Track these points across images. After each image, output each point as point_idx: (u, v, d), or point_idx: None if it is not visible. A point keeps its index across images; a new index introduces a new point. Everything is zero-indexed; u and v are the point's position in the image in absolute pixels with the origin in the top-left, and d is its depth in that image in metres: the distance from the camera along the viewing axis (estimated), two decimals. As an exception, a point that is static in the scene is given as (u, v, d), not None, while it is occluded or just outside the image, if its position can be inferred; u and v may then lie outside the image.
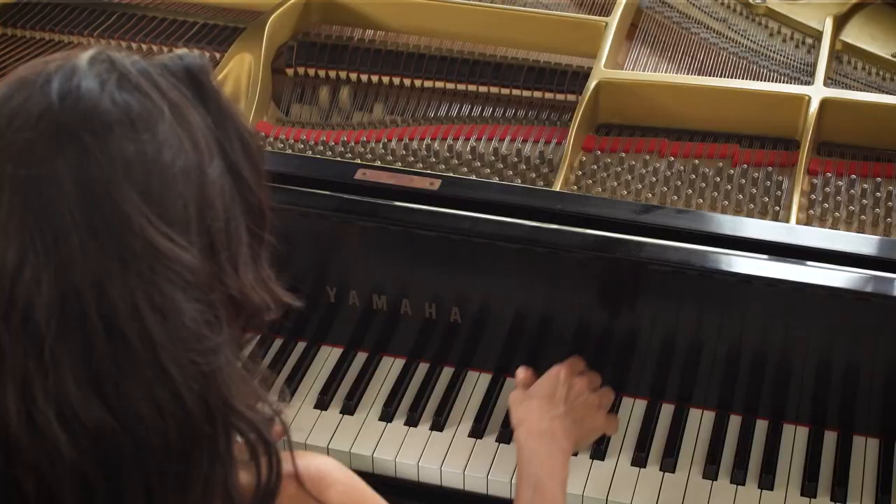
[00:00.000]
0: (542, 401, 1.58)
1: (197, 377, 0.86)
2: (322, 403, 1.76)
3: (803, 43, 2.06)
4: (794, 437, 1.68)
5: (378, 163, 1.88)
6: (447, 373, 1.80)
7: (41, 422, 0.83)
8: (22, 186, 0.83)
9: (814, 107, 1.84)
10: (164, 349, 0.84)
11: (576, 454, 1.64)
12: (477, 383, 1.79)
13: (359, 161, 1.88)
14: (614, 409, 1.72)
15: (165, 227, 0.85)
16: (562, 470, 1.51)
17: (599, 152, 1.87)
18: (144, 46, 2.15)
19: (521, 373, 1.65)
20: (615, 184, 1.81)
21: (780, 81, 1.97)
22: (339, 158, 1.90)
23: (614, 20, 2.03)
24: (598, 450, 1.67)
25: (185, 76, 0.92)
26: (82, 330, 0.83)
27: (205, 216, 0.88)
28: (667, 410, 1.72)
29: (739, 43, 2.07)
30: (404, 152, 1.90)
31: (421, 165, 1.87)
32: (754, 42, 2.07)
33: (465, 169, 1.86)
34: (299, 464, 0.98)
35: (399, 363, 1.82)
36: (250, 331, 0.98)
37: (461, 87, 2.02)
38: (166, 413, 0.85)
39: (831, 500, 1.59)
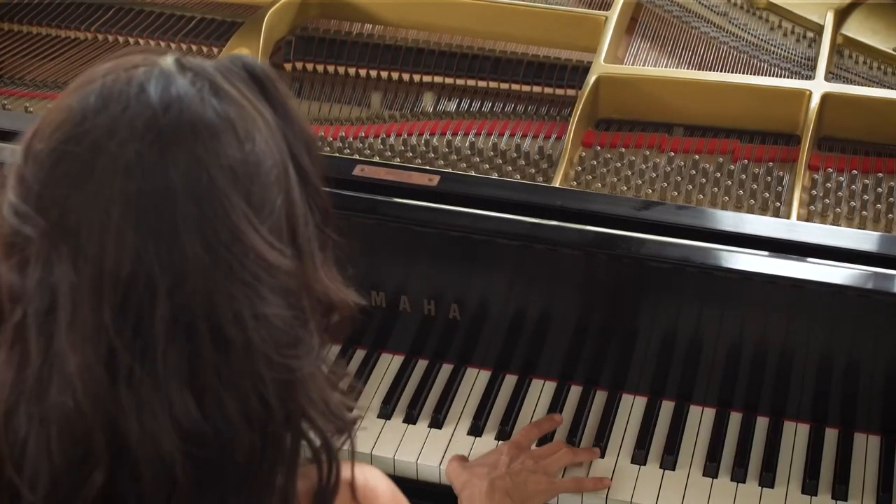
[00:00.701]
0: (483, 467, 1.60)
1: (286, 383, 0.86)
2: (320, 401, 1.75)
3: (804, 37, 2.05)
4: (795, 435, 1.67)
5: (376, 158, 1.87)
6: (446, 370, 1.79)
7: (157, 430, 0.83)
8: (134, 199, 0.81)
9: (815, 102, 1.83)
10: (262, 356, 0.84)
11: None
12: (476, 380, 1.78)
13: (357, 157, 1.87)
14: (614, 408, 1.72)
15: (268, 233, 0.85)
16: None
17: (599, 148, 1.87)
18: (142, 41, 2.14)
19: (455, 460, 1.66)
20: (615, 179, 1.80)
21: (780, 76, 1.96)
22: (336, 154, 1.89)
23: (614, 14, 2.02)
24: (598, 448, 1.66)
25: (249, 77, 0.91)
26: (191, 339, 0.82)
27: (293, 222, 0.88)
28: (667, 408, 1.72)
29: (740, 37, 2.06)
30: (403, 148, 1.89)
31: (419, 161, 1.87)
32: (755, 36, 2.06)
33: (464, 165, 1.86)
34: (358, 474, 0.98)
35: (398, 360, 1.82)
36: (332, 336, 0.97)
37: (460, 82, 2.01)
38: (254, 419, 0.85)
39: (832, 497, 1.59)
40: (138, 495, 0.85)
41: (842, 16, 2.06)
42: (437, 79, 2.02)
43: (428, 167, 1.80)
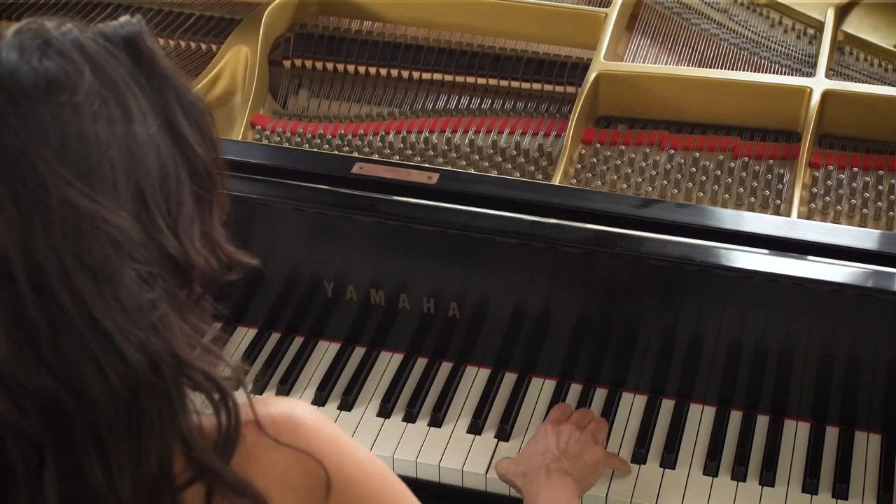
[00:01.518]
0: (535, 457, 1.58)
1: (136, 332, 0.87)
2: (319, 399, 1.75)
3: (805, 34, 2.05)
4: (796, 434, 1.67)
5: (376, 156, 1.86)
6: (445, 368, 1.79)
7: None
8: None
9: (815, 99, 1.83)
10: (97, 306, 0.85)
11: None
12: (475, 379, 1.77)
13: (356, 154, 1.87)
14: (614, 406, 1.71)
15: (86, 187, 0.86)
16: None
17: (599, 145, 1.86)
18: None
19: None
20: (615, 177, 1.79)
21: (781, 73, 1.95)
22: (336, 152, 1.89)
23: (614, 11, 2.02)
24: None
25: (122, 41, 0.93)
26: (12, 292, 0.84)
27: (134, 175, 0.89)
28: (667, 406, 1.71)
29: (740, 34, 2.05)
30: (402, 145, 1.89)
31: (419, 159, 1.86)
32: (755, 33, 2.05)
33: (464, 162, 1.85)
34: (264, 409, 0.98)
35: (397, 358, 1.81)
36: (216, 298, 0.99)
37: (459, 79, 2.01)
38: (107, 368, 0.86)
39: (833, 496, 1.58)
40: (2, 459, 0.86)
41: (842, 12, 2.05)
42: (437, 76, 2.01)
43: (427, 165, 1.80)
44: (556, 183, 1.76)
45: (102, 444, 0.87)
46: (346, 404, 1.74)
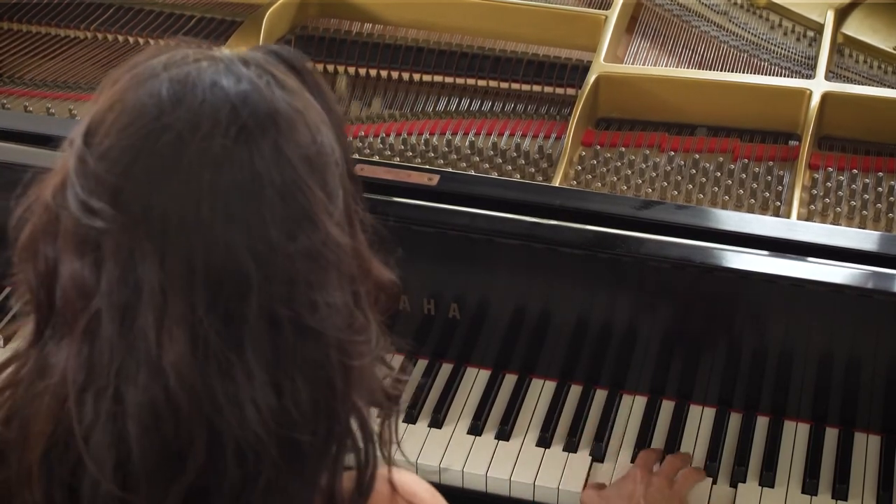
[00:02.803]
0: (621, 499, 1.56)
1: (348, 369, 0.87)
2: (320, 400, 1.75)
3: (804, 36, 2.05)
4: (795, 434, 1.67)
5: (376, 158, 1.87)
6: (446, 369, 1.79)
7: (245, 412, 0.83)
8: (223, 193, 0.82)
9: (815, 101, 1.83)
10: (333, 342, 0.85)
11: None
12: (476, 380, 1.78)
13: (356, 156, 1.87)
14: (614, 408, 1.72)
15: (339, 218, 0.86)
16: None
17: (599, 147, 1.86)
18: (142, 40, 2.14)
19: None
20: (615, 179, 1.80)
21: (781, 75, 1.96)
22: (336, 153, 1.89)
23: (614, 13, 2.02)
24: (599, 447, 1.66)
25: (291, 71, 0.92)
26: (276, 328, 0.83)
27: (348, 204, 0.90)
28: (667, 407, 1.72)
29: (740, 36, 2.05)
30: (402, 147, 1.89)
31: (419, 160, 1.86)
32: (755, 35, 2.05)
33: (464, 164, 1.85)
34: (393, 476, 0.99)
35: (397, 360, 1.80)
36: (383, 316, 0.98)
37: (460, 81, 2.01)
38: (321, 405, 0.86)
39: (832, 497, 1.59)
40: (219, 488, 0.85)
41: (842, 15, 2.06)
42: (437, 78, 2.02)
43: (428, 166, 1.80)
44: (556, 184, 1.76)
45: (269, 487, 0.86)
46: (347, 405, 1.74)
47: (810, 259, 1.57)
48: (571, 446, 1.67)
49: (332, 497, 0.91)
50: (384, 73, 2.04)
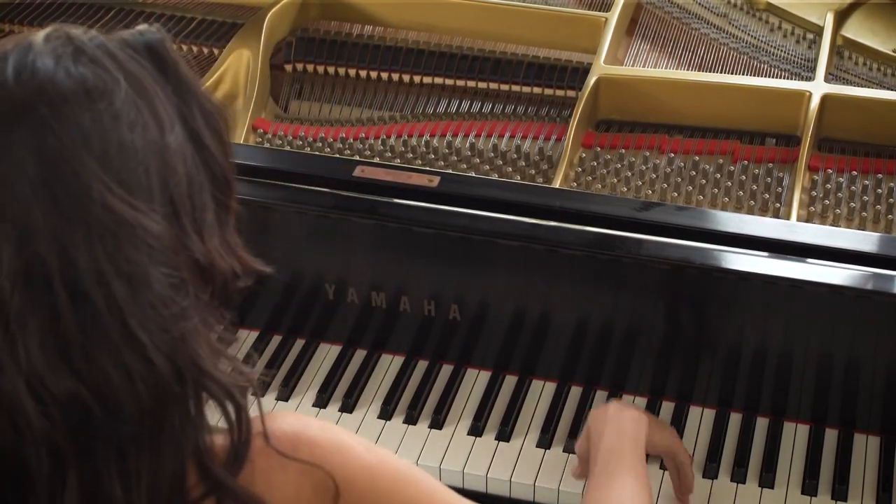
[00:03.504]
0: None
1: (166, 340, 0.87)
2: (321, 401, 1.76)
3: (804, 38, 2.05)
4: (795, 435, 1.67)
5: (377, 159, 1.87)
6: (446, 370, 1.80)
7: (8, 391, 0.84)
8: None
9: (815, 103, 1.83)
10: (132, 314, 0.86)
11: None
12: (476, 381, 1.78)
13: (357, 158, 1.88)
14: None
15: (126, 194, 0.86)
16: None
17: (599, 149, 1.87)
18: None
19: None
20: (615, 180, 1.80)
21: (780, 77, 1.96)
22: (337, 155, 1.90)
23: (614, 16, 2.02)
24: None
25: (145, 49, 0.94)
26: (48, 298, 0.84)
27: (167, 182, 0.89)
28: (667, 408, 1.72)
29: (740, 38, 2.06)
30: (403, 149, 1.89)
31: (420, 162, 1.87)
32: (755, 37, 2.06)
33: (465, 166, 1.86)
34: (272, 424, 0.98)
35: (398, 361, 1.82)
36: (223, 303, 0.98)
37: (460, 83, 2.01)
38: (136, 377, 0.86)
39: (832, 498, 1.59)
40: (18, 466, 0.86)
41: (841, 17, 2.06)
42: (438, 80, 2.02)
43: (428, 168, 1.80)
44: (557, 186, 1.77)
45: (123, 455, 0.87)
46: (348, 407, 1.75)
47: (810, 260, 1.57)
48: (572, 447, 1.67)
49: (203, 461, 0.92)
50: (385, 76, 2.04)
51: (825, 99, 1.84)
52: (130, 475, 0.87)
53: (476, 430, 1.71)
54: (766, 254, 1.58)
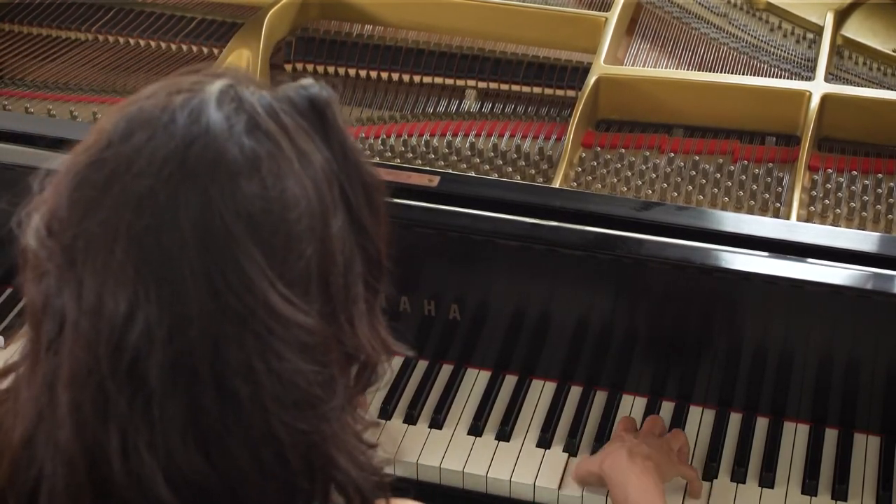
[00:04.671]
0: (613, 444, 1.57)
1: (306, 441, 0.83)
2: (321, 401, 1.76)
3: (804, 38, 2.05)
4: (795, 435, 1.67)
5: (376, 159, 1.87)
6: (446, 370, 1.79)
7: (145, 475, 0.80)
8: (140, 236, 0.78)
9: (815, 102, 1.83)
10: (275, 412, 0.81)
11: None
12: (476, 381, 1.78)
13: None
14: (614, 408, 1.72)
15: (286, 288, 0.80)
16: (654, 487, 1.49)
17: (599, 148, 1.87)
18: (143, 42, 2.15)
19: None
20: (615, 180, 1.80)
21: (780, 77, 1.96)
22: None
23: (614, 15, 2.02)
24: (599, 449, 1.66)
25: (310, 111, 0.85)
26: (192, 387, 0.79)
27: (325, 274, 0.83)
28: (667, 408, 1.72)
29: (740, 38, 2.06)
30: (403, 148, 1.89)
31: (420, 162, 1.87)
32: (755, 37, 2.06)
33: (465, 165, 1.86)
34: None
35: (398, 360, 1.81)
36: (364, 389, 0.94)
37: (460, 82, 2.01)
38: (268, 472, 0.82)
39: (832, 498, 1.59)
40: None
41: (841, 17, 2.06)
42: (437, 80, 2.02)
43: (428, 168, 1.80)
44: (557, 186, 1.77)
45: None
46: (347, 406, 1.74)
47: (810, 260, 1.57)
48: (572, 447, 1.67)
49: None
50: (384, 75, 2.04)
51: (825, 99, 1.84)
52: None
53: (476, 430, 1.70)
54: (766, 253, 1.58)
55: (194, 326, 0.78)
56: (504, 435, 1.69)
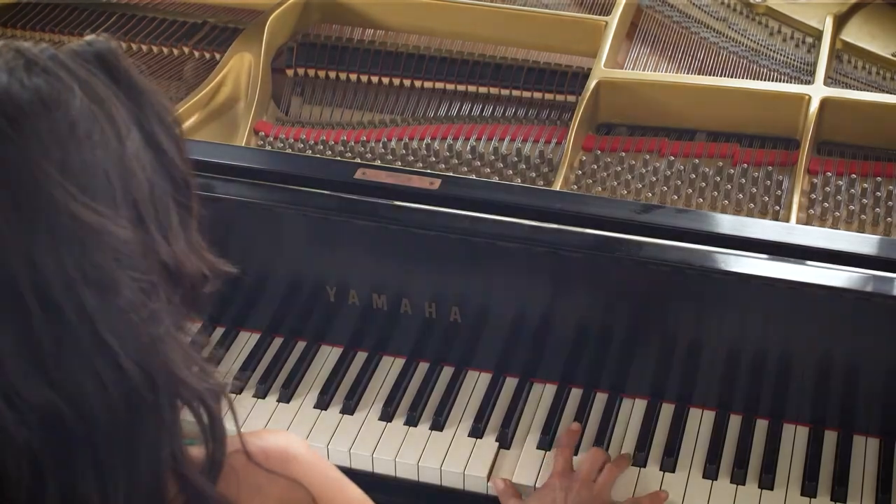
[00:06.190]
0: (545, 495, 1.59)
1: (137, 346, 0.87)
2: (322, 403, 1.76)
3: (803, 42, 2.06)
4: (795, 437, 1.68)
5: (378, 162, 1.88)
6: (447, 372, 1.80)
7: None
8: None
9: (814, 106, 1.84)
10: (102, 320, 0.85)
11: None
12: (477, 383, 1.78)
13: (358, 160, 1.88)
14: (614, 411, 1.72)
15: (90, 200, 0.86)
16: None
17: (599, 152, 1.87)
18: (144, 47, 2.15)
19: (500, 483, 1.64)
20: (615, 183, 1.81)
21: (780, 81, 1.97)
22: (338, 158, 1.90)
23: (614, 19, 2.03)
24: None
25: (95, 59, 0.93)
26: (18, 307, 0.84)
27: (129, 187, 0.89)
28: (667, 410, 1.72)
29: (739, 42, 2.06)
30: (404, 152, 1.90)
31: (421, 165, 1.87)
32: (754, 41, 2.07)
33: (465, 168, 1.86)
34: (258, 441, 0.99)
35: (399, 363, 1.82)
36: (193, 307, 0.98)
37: (461, 87, 2.02)
38: (108, 384, 0.86)
39: (831, 499, 1.59)
40: (3, 474, 0.86)
41: (841, 21, 2.07)
42: (439, 84, 2.03)
43: (429, 171, 1.81)
44: (557, 189, 1.77)
45: (99, 463, 0.87)
46: (349, 408, 1.75)
47: (809, 263, 1.57)
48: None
49: (180, 469, 0.92)
50: (386, 80, 2.05)
51: (824, 102, 1.84)
52: (107, 483, 0.87)
53: (477, 432, 1.71)
54: (765, 256, 1.59)
55: (7, 248, 0.84)
56: (504, 438, 1.69)
